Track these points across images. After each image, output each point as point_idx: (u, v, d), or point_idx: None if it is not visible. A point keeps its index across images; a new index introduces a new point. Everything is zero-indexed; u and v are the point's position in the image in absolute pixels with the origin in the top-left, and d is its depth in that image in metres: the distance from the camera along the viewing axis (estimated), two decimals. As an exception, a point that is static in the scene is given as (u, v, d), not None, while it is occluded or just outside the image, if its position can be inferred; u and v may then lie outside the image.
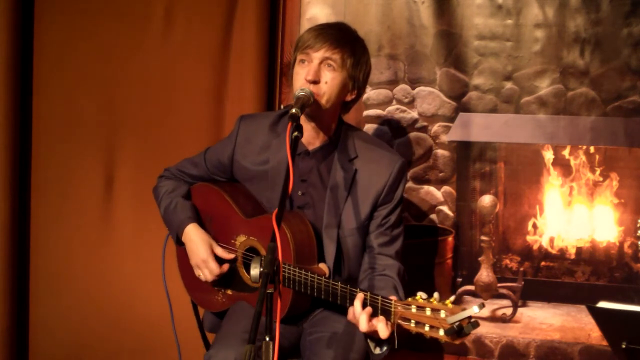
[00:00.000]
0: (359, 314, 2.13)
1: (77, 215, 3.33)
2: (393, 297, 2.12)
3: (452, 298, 1.99)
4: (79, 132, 3.31)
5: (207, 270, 2.51)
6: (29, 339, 3.36)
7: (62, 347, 3.35)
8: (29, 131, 3.31)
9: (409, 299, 2.06)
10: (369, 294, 2.15)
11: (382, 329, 2.10)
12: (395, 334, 2.10)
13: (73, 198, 3.33)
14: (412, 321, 2.03)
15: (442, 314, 1.96)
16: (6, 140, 3.20)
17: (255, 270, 1.98)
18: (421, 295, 2.04)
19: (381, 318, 2.11)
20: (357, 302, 2.14)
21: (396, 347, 2.14)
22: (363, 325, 2.11)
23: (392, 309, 2.09)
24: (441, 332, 1.96)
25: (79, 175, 3.32)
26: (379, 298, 2.12)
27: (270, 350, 1.85)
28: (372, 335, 2.15)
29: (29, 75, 3.28)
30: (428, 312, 1.99)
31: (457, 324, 1.92)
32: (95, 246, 3.33)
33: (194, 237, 2.53)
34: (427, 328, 2.00)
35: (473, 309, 1.89)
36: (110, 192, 3.32)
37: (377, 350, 2.20)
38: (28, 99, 3.29)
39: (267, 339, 1.86)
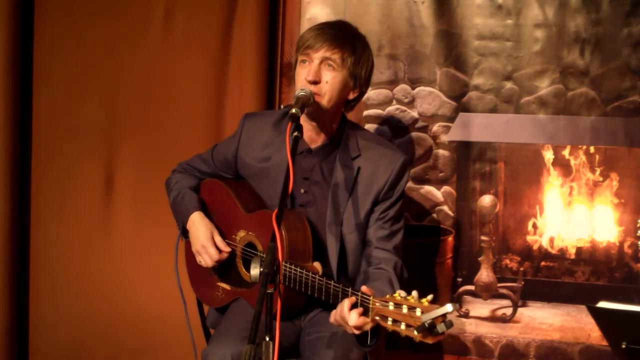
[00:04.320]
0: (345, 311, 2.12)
1: (77, 215, 3.33)
2: (370, 292, 2.10)
3: (430, 297, 1.93)
4: (79, 131, 3.31)
5: (206, 255, 2.54)
6: (29, 338, 3.36)
7: (62, 347, 3.35)
8: (29, 131, 3.31)
9: (387, 296, 2.03)
10: (350, 289, 2.15)
11: (354, 317, 2.08)
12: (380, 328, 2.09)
13: (73, 198, 3.33)
14: (389, 319, 2.00)
15: (418, 312, 1.93)
16: (6, 140, 3.20)
17: (255, 270, 1.98)
18: (399, 292, 2.01)
19: (359, 309, 2.10)
20: (347, 302, 2.13)
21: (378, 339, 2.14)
22: (353, 321, 2.09)
23: (370, 305, 2.08)
24: (415, 331, 1.92)
25: (79, 174, 3.32)
26: (359, 293, 2.11)
27: (270, 350, 1.85)
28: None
29: (29, 75, 3.28)
30: (405, 309, 1.96)
31: (429, 321, 1.88)
32: (95, 246, 3.33)
33: (197, 224, 2.57)
34: (403, 326, 1.96)
35: (446, 307, 1.86)
36: (110, 192, 3.32)
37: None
38: (28, 99, 3.29)
39: (267, 338, 1.86)
